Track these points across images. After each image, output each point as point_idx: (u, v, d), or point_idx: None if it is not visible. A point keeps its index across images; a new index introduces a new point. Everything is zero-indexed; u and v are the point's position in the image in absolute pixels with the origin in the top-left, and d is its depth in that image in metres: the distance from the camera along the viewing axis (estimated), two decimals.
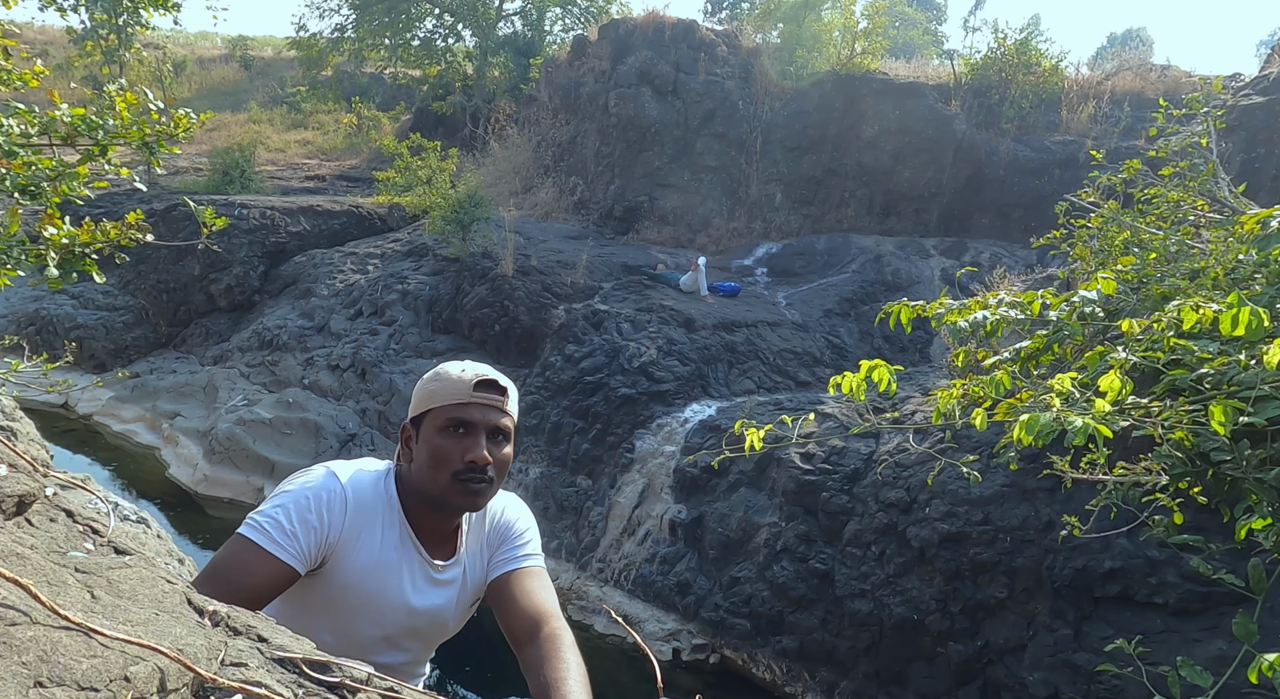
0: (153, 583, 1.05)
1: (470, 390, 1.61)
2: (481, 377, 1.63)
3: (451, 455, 1.59)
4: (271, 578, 1.48)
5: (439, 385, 1.65)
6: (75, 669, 0.75)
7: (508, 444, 1.67)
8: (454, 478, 1.59)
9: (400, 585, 1.65)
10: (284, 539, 1.49)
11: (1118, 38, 35.73)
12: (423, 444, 1.63)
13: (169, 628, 0.89)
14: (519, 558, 1.77)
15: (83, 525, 1.24)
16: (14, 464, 1.28)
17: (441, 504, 1.62)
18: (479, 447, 1.60)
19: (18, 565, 0.90)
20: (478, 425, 1.62)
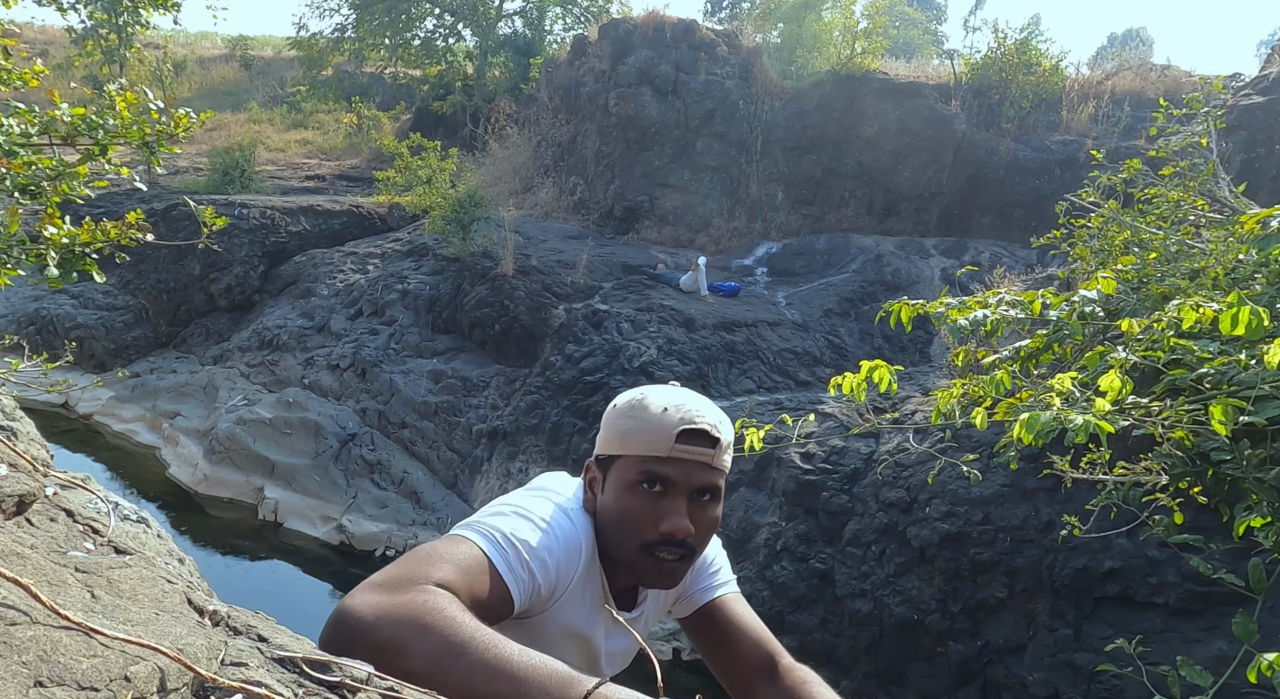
0: (153, 583, 1.05)
1: (672, 443, 1.27)
2: (689, 424, 1.28)
3: (643, 521, 1.28)
4: (497, 607, 1.21)
5: (633, 424, 1.31)
6: (75, 669, 0.75)
7: (716, 505, 1.33)
8: (643, 549, 1.29)
9: (595, 643, 1.43)
10: (520, 573, 1.22)
11: (1118, 38, 35.73)
12: (610, 495, 1.33)
13: (169, 628, 0.89)
14: (722, 583, 1.54)
15: (83, 525, 1.24)
16: (14, 464, 1.28)
17: (628, 572, 1.35)
18: (678, 514, 1.27)
19: (18, 565, 0.90)
20: (678, 485, 1.28)
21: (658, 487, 1.28)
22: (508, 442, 9.79)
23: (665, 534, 1.27)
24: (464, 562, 1.15)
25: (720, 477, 1.32)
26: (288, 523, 9.48)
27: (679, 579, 1.33)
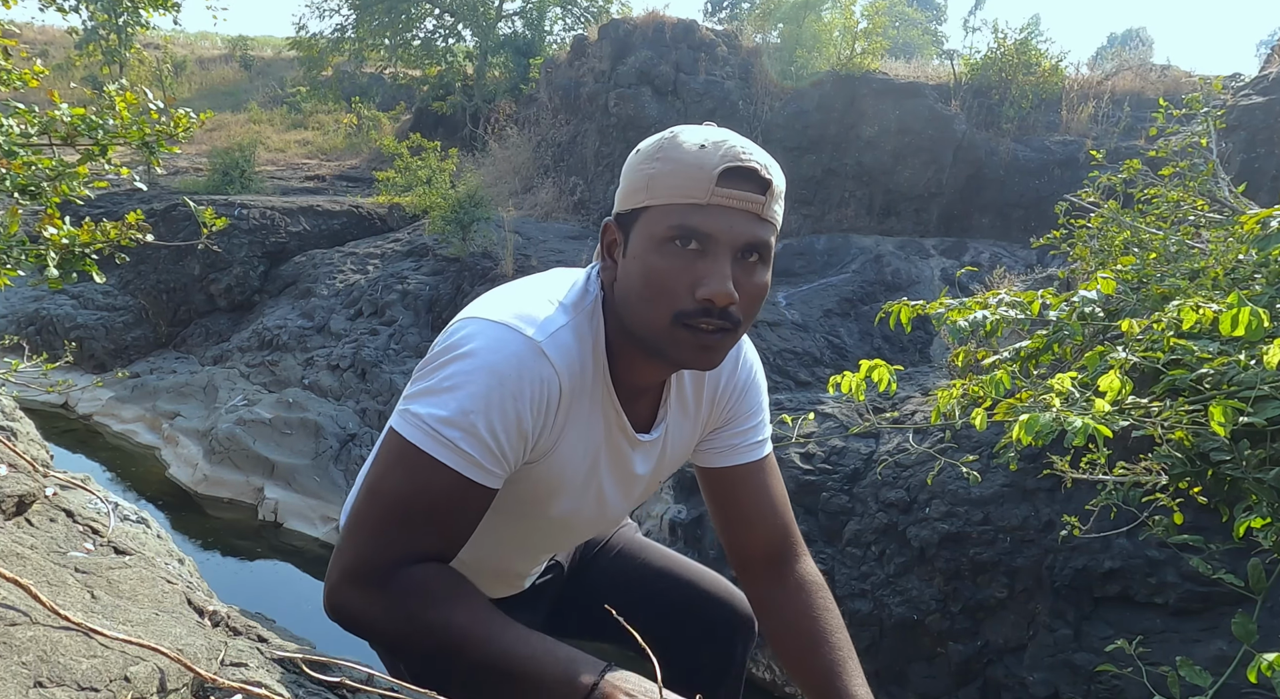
0: (153, 583, 1.05)
1: (712, 186, 1.01)
2: (733, 161, 1.02)
3: (675, 286, 1.02)
4: (483, 508, 1.06)
5: (663, 167, 1.04)
6: (75, 669, 0.75)
7: (764, 268, 1.07)
8: (676, 321, 1.03)
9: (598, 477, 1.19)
10: (493, 464, 1.03)
11: (1118, 38, 35.75)
12: (633, 260, 1.06)
13: (169, 628, 0.89)
14: (753, 445, 1.30)
15: (83, 525, 1.24)
16: (14, 464, 1.28)
17: (656, 352, 1.08)
18: (720, 276, 1.01)
19: (18, 565, 0.90)
20: (719, 240, 1.02)
21: (693, 243, 1.02)
22: None
23: (703, 300, 1.02)
24: (430, 499, 1.01)
25: (770, 232, 1.06)
26: (288, 523, 9.48)
27: (719, 357, 1.08)
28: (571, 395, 1.08)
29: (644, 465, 1.23)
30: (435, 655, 0.99)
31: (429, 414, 1.02)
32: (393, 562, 0.99)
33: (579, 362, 1.08)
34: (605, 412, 1.15)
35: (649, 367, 1.14)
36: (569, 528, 1.30)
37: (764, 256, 1.07)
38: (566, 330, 1.07)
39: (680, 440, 1.27)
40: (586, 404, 1.12)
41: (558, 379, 1.05)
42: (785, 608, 1.28)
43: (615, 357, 1.13)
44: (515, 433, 1.02)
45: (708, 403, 1.27)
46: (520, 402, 1.01)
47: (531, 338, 1.03)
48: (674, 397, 1.23)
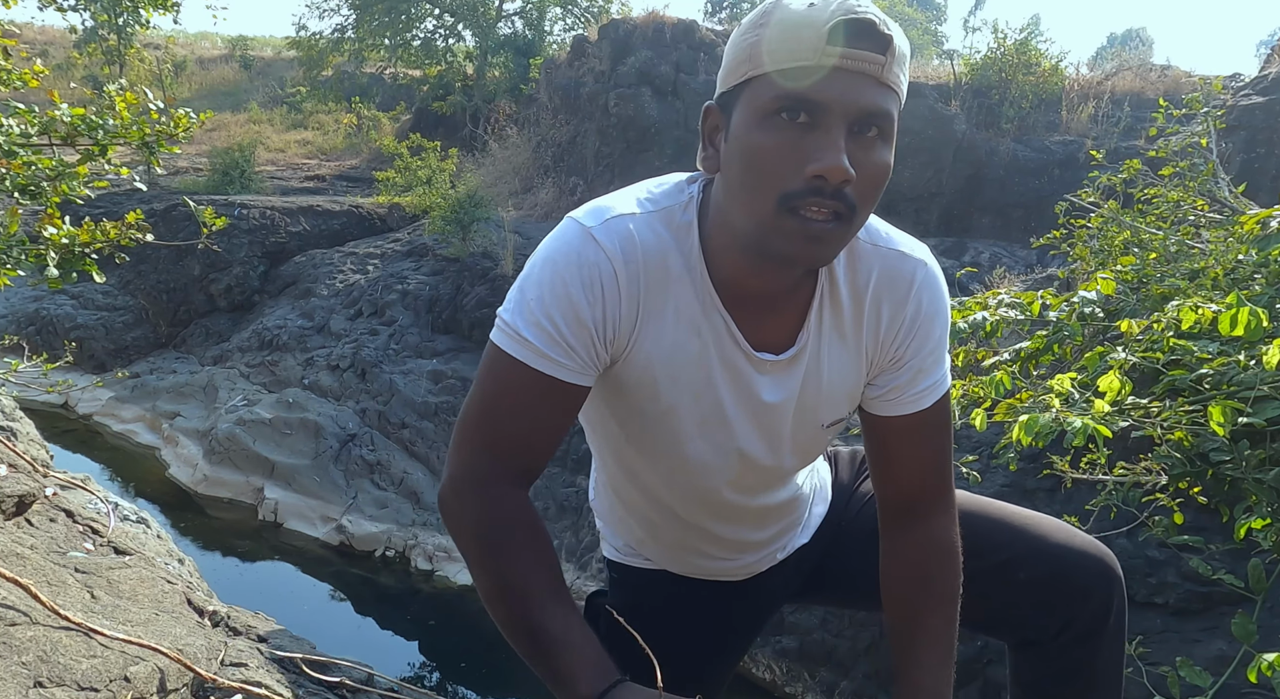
0: (153, 583, 1.05)
1: (823, 44, 0.86)
2: (845, 14, 0.85)
3: (781, 164, 0.89)
4: (564, 408, 1.03)
5: (767, 32, 0.90)
6: (75, 669, 0.75)
7: (885, 145, 0.93)
8: (782, 205, 0.89)
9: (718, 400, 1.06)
10: (561, 354, 0.99)
11: (1118, 38, 35.76)
12: (735, 141, 0.93)
13: (169, 628, 0.89)
14: (916, 395, 1.10)
15: (83, 525, 1.24)
16: (14, 464, 1.28)
17: (760, 247, 0.94)
18: (833, 149, 0.87)
19: (18, 565, 0.90)
20: (832, 109, 0.87)
21: (802, 116, 0.88)
22: None
23: (813, 177, 0.87)
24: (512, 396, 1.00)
25: (892, 101, 0.90)
26: (288, 523, 9.48)
27: (830, 250, 0.93)
28: (636, 284, 0.99)
29: (776, 392, 1.06)
30: (483, 591, 1.04)
31: (503, 312, 1.02)
32: (487, 471, 1.03)
33: (646, 251, 0.99)
34: (706, 317, 1.02)
35: (754, 267, 0.99)
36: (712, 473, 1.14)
37: (884, 130, 0.92)
38: (631, 219, 1.01)
39: (838, 370, 1.08)
40: (671, 303, 1.01)
41: (609, 263, 0.98)
42: (896, 562, 1.17)
43: (717, 257, 1.01)
44: (573, 319, 0.97)
45: (869, 333, 1.08)
46: (570, 285, 0.97)
47: (583, 223, 1.01)
48: (825, 315, 1.06)
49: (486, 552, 1.02)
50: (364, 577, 8.87)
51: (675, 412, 1.07)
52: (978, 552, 1.23)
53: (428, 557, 8.90)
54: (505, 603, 1.01)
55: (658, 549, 1.32)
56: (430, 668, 7.67)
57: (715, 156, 0.98)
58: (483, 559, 1.02)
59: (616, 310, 0.99)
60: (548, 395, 1.00)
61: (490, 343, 1.03)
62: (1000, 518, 1.35)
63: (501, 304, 1.04)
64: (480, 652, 7.83)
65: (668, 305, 1.01)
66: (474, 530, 1.02)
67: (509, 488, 1.03)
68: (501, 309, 1.03)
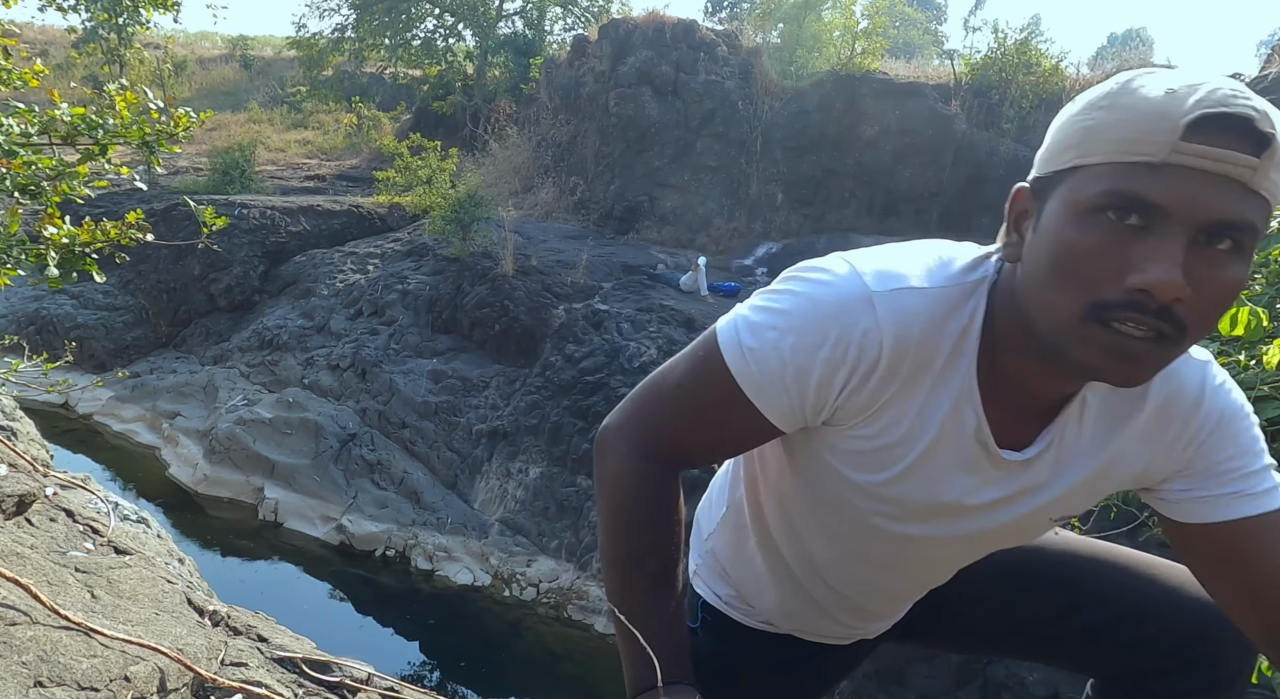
0: (153, 583, 1.05)
1: (1176, 139, 0.72)
2: (1214, 107, 0.72)
3: (1097, 268, 0.76)
4: (749, 439, 1.00)
5: (1109, 116, 0.77)
6: (75, 669, 0.75)
7: (1242, 262, 0.76)
8: (1091, 314, 0.77)
9: (934, 473, 0.96)
10: (774, 392, 0.91)
11: (1118, 38, 35.75)
12: (1045, 234, 0.81)
13: (169, 628, 0.89)
14: (1255, 494, 0.93)
15: (83, 525, 1.24)
16: (14, 464, 1.28)
17: (1057, 352, 0.82)
18: (1166, 260, 0.73)
19: (18, 565, 0.90)
20: (1173, 213, 0.74)
21: (1134, 217, 0.74)
22: (508, 442, 9.79)
23: (1135, 291, 0.74)
24: (705, 397, 0.96)
25: (1260, 210, 0.74)
26: (288, 523, 9.48)
27: (1144, 373, 0.79)
28: (895, 370, 0.89)
29: (1004, 488, 0.97)
30: (605, 552, 1.06)
31: (744, 314, 0.95)
32: (655, 446, 1.02)
33: (922, 337, 0.88)
34: (957, 411, 0.92)
35: (1045, 372, 0.88)
36: (897, 559, 1.08)
37: (1242, 244, 0.75)
38: (921, 296, 0.88)
39: (1084, 471, 0.96)
40: (924, 390, 0.91)
41: (877, 343, 0.87)
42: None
43: (996, 352, 0.90)
44: (809, 376, 0.89)
45: (1142, 441, 0.95)
46: (826, 345, 0.88)
47: (868, 286, 0.88)
48: (1087, 417, 0.94)
49: (623, 517, 1.03)
50: (364, 577, 8.88)
51: (882, 493, 0.99)
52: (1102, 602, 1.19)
53: (428, 556, 8.90)
54: (619, 570, 1.04)
55: (775, 607, 1.24)
56: (430, 668, 7.67)
57: (1019, 246, 0.86)
58: (616, 522, 1.04)
59: (861, 390, 0.90)
60: (742, 419, 0.95)
61: (718, 332, 0.95)
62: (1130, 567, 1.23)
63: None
64: (480, 652, 7.83)
65: (919, 392, 0.91)
66: (620, 492, 1.03)
67: (668, 468, 1.03)
68: (749, 306, 0.95)
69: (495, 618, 8.08)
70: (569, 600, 8.23)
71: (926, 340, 0.89)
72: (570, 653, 7.79)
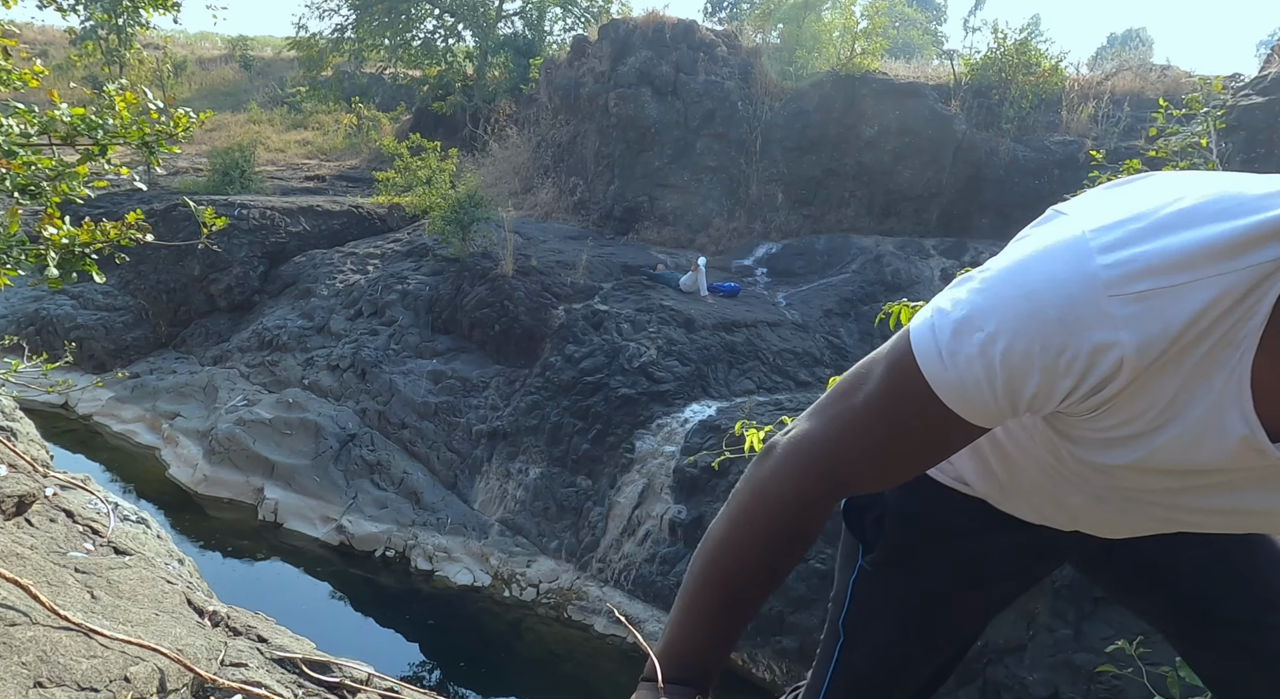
0: (153, 583, 1.05)
1: None
2: None
3: None
4: (946, 448, 0.90)
5: None
6: (75, 669, 0.75)
7: None
8: None
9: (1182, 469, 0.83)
10: (984, 403, 0.79)
11: (1118, 38, 35.74)
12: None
13: (169, 628, 0.89)
14: None
15: (83, 525, 1.24)
16: (14, 464, 1.28)
17: None
18: None
19: (18, 565, 0.90)
20: None
21: None
22: (508, 442, 9.79)
23: None
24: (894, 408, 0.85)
25: None
26: (288, 523, 9.48)
27: None
28: (1142, 374, 0.74)
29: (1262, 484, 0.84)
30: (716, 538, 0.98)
31: (944, 307, 0.81)
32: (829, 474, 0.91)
33: (1182, 336, 0.72)
34: (1219, 411, 0.77)
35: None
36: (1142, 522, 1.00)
37: None
38: (1182, 295, 0.70)
39: None
40: (1176, 384, 0.75)
41: (1117, 355, 0.72)
42: None
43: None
44: (1016, 383, 0.76)
45: None
46: (1047, 356, 0.74)
47: (1099, 277, 0.71)
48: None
49: (756, 529, 0.94)
50: (364, 577, 8.87)
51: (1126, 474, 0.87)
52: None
53: (428, 557, 8.90)
54: (716, 568, 0.97)
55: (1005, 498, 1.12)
56: (430, 668, 7.67)
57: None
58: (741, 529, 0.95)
59: (1088, 399, 0.77)
60: (943, 428, 0.84)
61: (911, 335, 0.83)
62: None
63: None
64: (480, 652, 7.83)
65: (1167, 386, 0.76)
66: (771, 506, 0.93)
67: (823, 497, 0.93)
68: (949, 308, 0.81)
69: (495, 618, 8.08)
70: (569, 601, 8.22)
71: (1182, 341, 0.72)
72: (570, 653, 7.79)
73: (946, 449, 0.90)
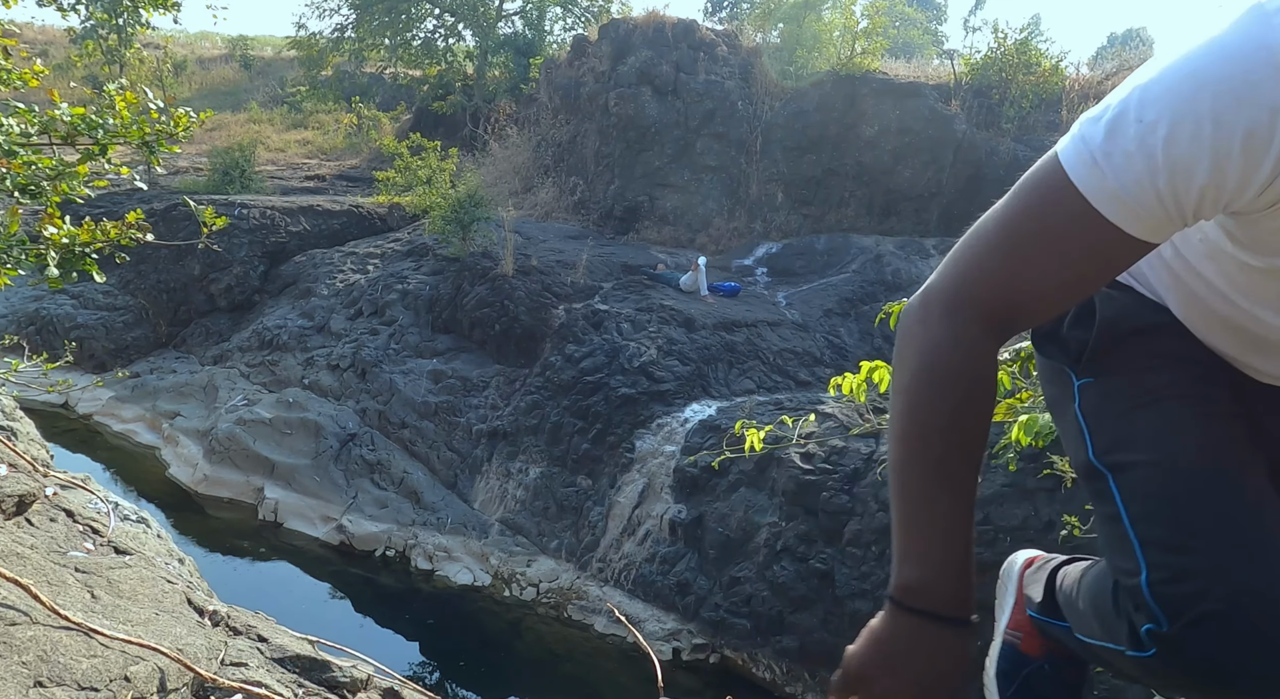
0: (153, 583, 1.05)
1: None
2: None
3: None
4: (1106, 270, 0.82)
5: None
6: (75, 669, 0.75)
7: None
8: None
9: None
10: (1148, 208, 0.72)
11: (1118, 38, 35.71)
12: None
13: (169, 628, 0.89)
14: None
15: (83, 525, 1.24)
16: (14, 464, 1.28)
17: None
18: None
19: (18, 565, 0.90)
20: None
21: None
22: (508, 442, 9.79)
23: None
24: (1045, 222, 0.78)
25: None
26: (288, 523, 9.48)
27: None
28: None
29: None
30: (897, 424, 0.88)
31: (1093, 119, 0.74)
32: (972, 306, 0.84)
33: None
34: None
35: None
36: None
37: None
38: None
39: None
40: None
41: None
42: None
43: None
44: (1195, 173, 0.68)
45: None
46: (1220, 128, 0.66)
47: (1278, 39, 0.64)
48: None
49: (923, 390, 0.85)
50: (364, 576, 8.87)
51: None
52: None
53: (428, 556, 8.90)
54: (908, 446, 0.86)
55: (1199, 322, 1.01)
56: (430, 667, 7.67)
57: None
58: (914, 394, 0.86)
59: (1274, 183, 0.68)
60: (1101, 246, 0.76)
61: (1058, 151, 0.77)
62: None
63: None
64: (480, 652, 7.83)
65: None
66: (936, 356, 0.85)
67: (984, 336, 0.85)
68: (1098, 114, 0.74)
69: (495, 618, 8.08)
70: (569, 600, 8.22)
71: None
72: (570, 653, 7.79)
73: (1109, 270, 0.81)
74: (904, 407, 0.87)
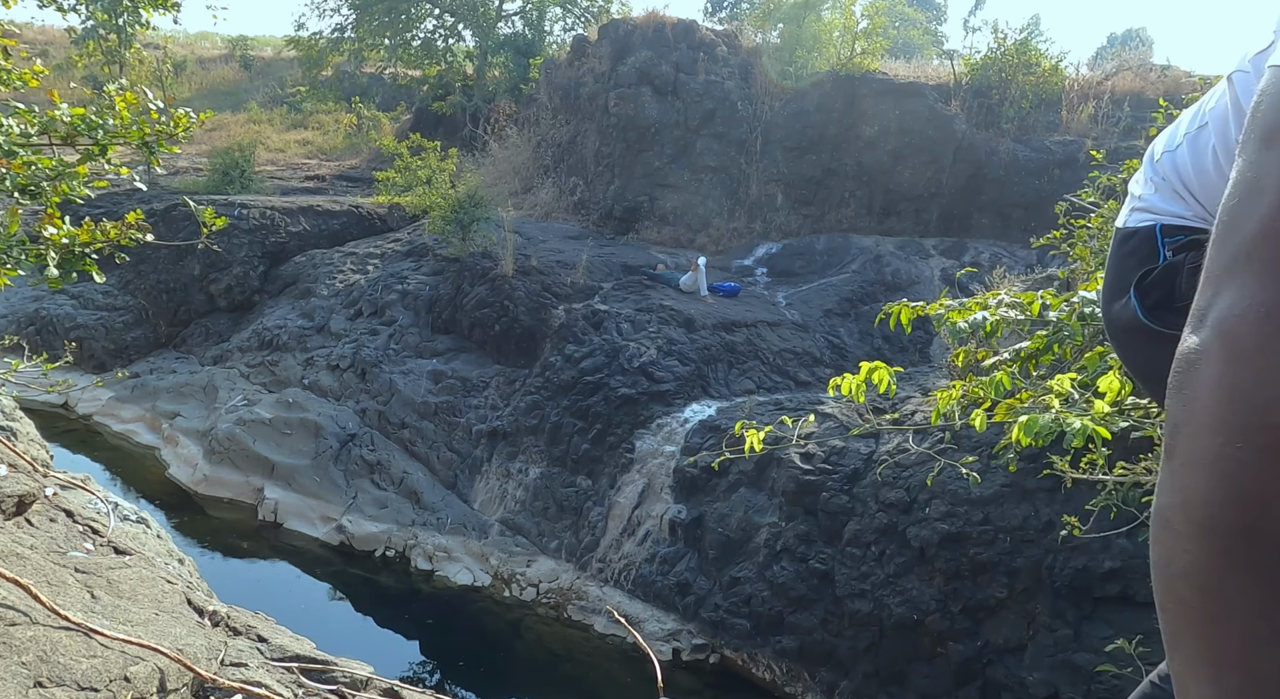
0: (153, 583, 1.05)
1: None
2: None
3: None
4: None
5: None
6: (75, 669, 0.75)
7: None
8: None
9: None
10: None
11: (1118, 38, 35.70)
12: None
13: (169, 628, 0.89)
14: None
15: (83, 525, 1.24)
16: (14, 464, 1.28)
17: None
18: None
19: (18, 565, 0.90)
20: None
21: None
22: (508, 442, 9.79)
23: None
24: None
25: None
26: (288, 523, 9.48)
27: None
28: None
29: None
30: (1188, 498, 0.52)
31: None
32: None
33: None
34: None
35: None
36: None
37: None
38: None
39: None
40: None
41: None
42: None
43: None
44: None
45: None
46: None
47: None
48: None
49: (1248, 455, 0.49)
50: (364, 577, 8.87)
51: None
52: None
53: (428, 557, 8.89)
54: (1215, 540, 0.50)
55: None
56: (430, 668, 7.67)
57: None
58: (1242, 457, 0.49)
59: None
60: None
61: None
62: None
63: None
64: (480, 652, 7.83)
65: None
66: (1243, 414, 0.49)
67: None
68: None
69: (495, 618, 8.08)
70: (569, 601, 8.22)
71: None
72: (570, 653, 7.79)
73: None
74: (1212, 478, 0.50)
